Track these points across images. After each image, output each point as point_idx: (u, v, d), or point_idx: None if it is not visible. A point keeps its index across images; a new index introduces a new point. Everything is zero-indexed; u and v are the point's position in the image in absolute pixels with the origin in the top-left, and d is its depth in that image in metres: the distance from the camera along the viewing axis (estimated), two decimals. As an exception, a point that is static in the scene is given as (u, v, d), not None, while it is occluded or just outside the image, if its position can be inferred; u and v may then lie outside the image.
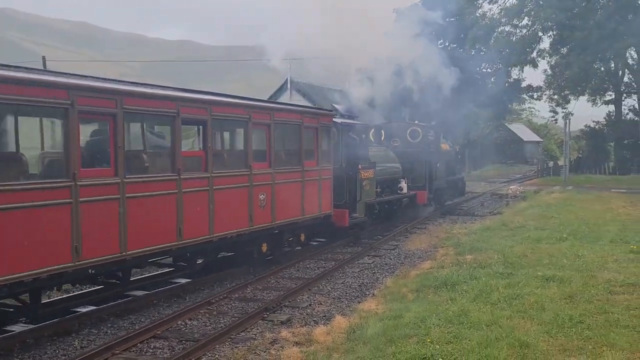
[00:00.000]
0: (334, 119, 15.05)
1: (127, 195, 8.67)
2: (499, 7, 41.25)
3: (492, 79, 41.14)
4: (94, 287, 9.94)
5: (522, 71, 42.86)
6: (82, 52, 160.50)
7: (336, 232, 15.63)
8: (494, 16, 40.86)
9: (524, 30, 40.67)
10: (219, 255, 12.14)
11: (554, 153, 68.42)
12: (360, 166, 15.86)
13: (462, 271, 10.98)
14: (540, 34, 40.34)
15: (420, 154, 20.77)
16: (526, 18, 40.13)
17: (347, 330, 8.10)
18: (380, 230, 17.77)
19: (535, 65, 41.78)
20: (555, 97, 45.40)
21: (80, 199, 7.91)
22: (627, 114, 45.27)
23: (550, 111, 47.94)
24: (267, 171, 12.07)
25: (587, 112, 46.92)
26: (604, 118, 46.25)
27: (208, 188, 10.34)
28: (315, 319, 9.06)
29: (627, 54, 40.31)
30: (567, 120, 36.58)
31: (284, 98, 30.49)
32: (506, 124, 64.09)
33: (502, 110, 45.21)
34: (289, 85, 31.46)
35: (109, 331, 8.46)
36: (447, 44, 40.48)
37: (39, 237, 7.35)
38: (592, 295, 9.08)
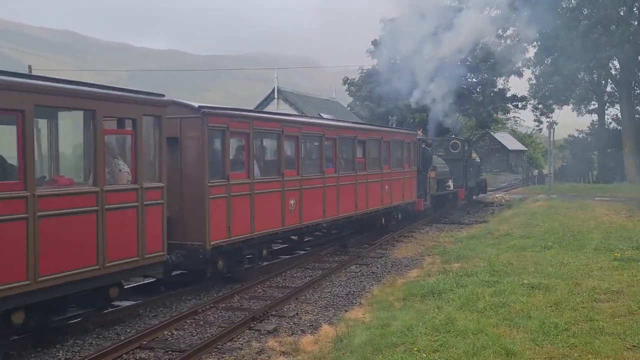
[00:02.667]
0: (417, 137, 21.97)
1: (255, 192, 11.97)
2: (484, 17, 41.68)
3: (478, 89, 41.53)
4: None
5: (507, 81, 43.35)
6: (66, 61, 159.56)
7: (411, 214, 21.80)
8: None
9: (509, 41, 41.16)
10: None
11: (539, 162, 69.03)
12: (429, 169, 22.49)
13: (448, 279, 11.02)
14: (524, 44, 40.87)
15: (458, 161, 26.93)
16: (511, 28, 40.65)
17: (334, 339, 8.09)
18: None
19: (520, 75, 42.27)
20: (540, 106, 45.91)
21: (232, 194, 11.27)
22: (610, 123, 45.89)
23: (535, 120, 48.47)
24: (388, 171, 18.63)
25: (571, 121, 47.46)
26: (588, 127, 46.85)
27: (335, 184, 15.33)
28: (302, 328, 9.04)
29: (610, 65, 40.91)
30: (552, 130, 36.97)
31: (271, 107, 30.51)
32: (491, 133, 64.61)
33: (487, 119, 45.61)
34: (276, 95, 31.50)
35: (94, 342, 8.37)
36: (432, 54, 40.82)
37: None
38: (577, 303, 9.16)
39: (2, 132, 8.28)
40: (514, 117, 67.03)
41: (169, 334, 8.73)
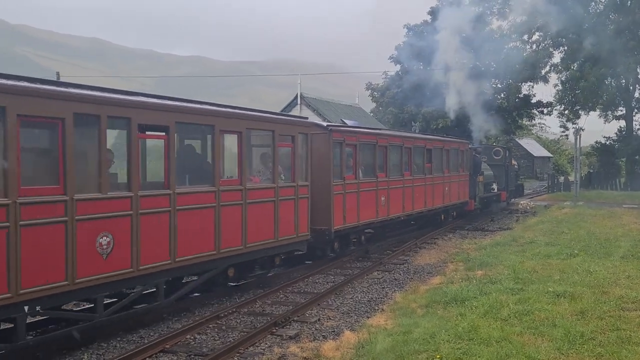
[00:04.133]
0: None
1: (360, 190, 15.20)
2: (509, 23, 41.39)
3: (502, 94, 41.18)
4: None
5: (533, 87, 42.91)
6: (94, 68, 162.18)
7: (463, 213, 24.80)
8: (504, 32, 41.00)
9: (534, 46, 40.74)
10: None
11: (565, 168, 68.11)
12: (478, 174, 25.41)
13: (472, 287, 10.92)
14: (551, 49, 40.38)
15: (501, 167, 29.54)
16: (537, 34, 40.22)
17: (355, 345, 8.06)
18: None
19: (546, 81, 41.80)
20: (566, 112, 45.29)
21: (346, 191, 14.71)
22: (638, 129, 45.03)
23: (561, 126, 47.81)
24: (447, 175, 21.78)
25: (598, 128, 46.71)
26: (615, 133, 46.02)
27: (411, 185, 18.41)
28: (324, 334, 9.03)
29: (638, 69, 40.22)
30: (578, 136, 36.45)
31: (294, 113, 30.60)
32: (516, 139, 63.97)
33: (512, 125, 45.20)
34: (299, 101, 31.59)
35: (118, 345, 8.47)
36: (456, 60, 40.63)
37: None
38: (603, 311, 9.00)
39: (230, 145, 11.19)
40: (539, 123, 66.42)
41: (192, 338, 8.79)
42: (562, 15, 34.29)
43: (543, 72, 41.68)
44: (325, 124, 15.11)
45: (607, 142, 47.29)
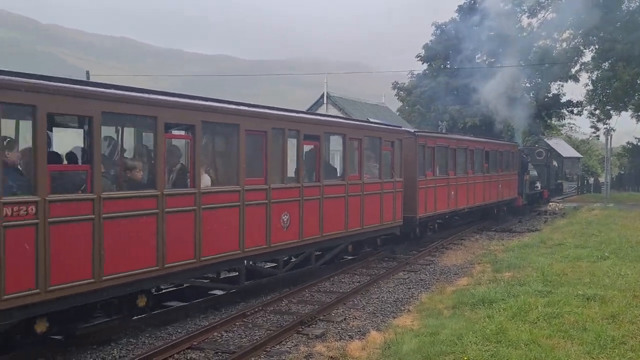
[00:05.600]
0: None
1: (437, 185, 18.24)
2: (538, 20, 40.79)
3: (531, 94, 40.63)
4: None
5: (563, 86, 42.24)
6: (123, 67, 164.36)
7: (512, 209, 27.14)
8: (534, 30, 40.41)
9: (564, 44, 40.08)
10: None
11: (595, 169, 66.94)
12: (525, 173, 28.16)
13: (499, 288, 10.80)
14: (581, 47, 39.69)
15: (543, 166, 32.14)
16: (567, 32, 39.55)
17: (382, 345, 8.04)
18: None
19: (576, 80, 41.10)
20: (597, 112, 44.49)
21: (428, 186, 17.63)
22: (672, 130, 43.98)
23: (591, 127, 46.99)
24: (501, 174, 24.53)
25: (629, 128, 45.82)
26: (648, 134, 45.09)
27: (466, 182, 20.74)
28: (350, 333, 9.02)
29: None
30: (609, 137, 35.81)
31: (320, 111, 30.64)
32: (545, 140, 63.06)
33: (541, 125, 44.56)
34: (325, 99, 31.60)
35: (147, 341, 8.58)
36: (484, 58, 40.22)
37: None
38: (635, 315, 8.83)
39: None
40: (569, 123, 65.34)
41: (219, 335, 8.86)
42: (594, 13, 33.66)
43: (573, 70, 40.99)
44: (412, 130, 18.15)
45: (639, 143, 46.32)
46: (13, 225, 6.62)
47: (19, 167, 7.26)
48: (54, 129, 8.45)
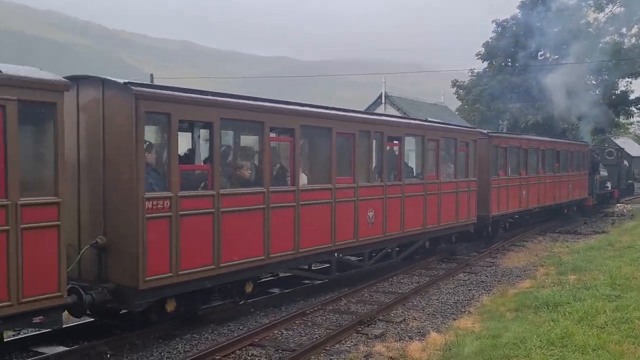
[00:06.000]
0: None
1: (509, 185, 18.72)
2: (605, 15, 39.26)
3: (597, 91, 39.19)
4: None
5: (631, 83, 40.53)
6: (183, 69, 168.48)
7: (581, 208, 27.05)
8: (600, 25, 38.94)
9: (634, 40, 38.44)
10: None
11: (666, 169, 63.82)
12: (595, 173, 28.05)
13: (564, 292, 10.49)
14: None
15: (613, 166, 32.04)
16: (636, 26, 37.93)
17: (442, 347, 7.96)
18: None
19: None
20: (669, 109, 42.48)
21: (500, 185, 18.12)
22: None
23: (662, 124, 44.92)
24: (571, 174, 24.76)
25: None
26: None
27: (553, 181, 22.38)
28: (409, 334, 8.97)
29: None
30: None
31: (378, 111, 30.51)
32: (612, 139, 60.66)
33: (607, 123, 42.87)
34: (383, 100, 31.45)
35: (210, 337, 8.78)
36: (548, 55, 39.11)
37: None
38: None
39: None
40: (638, 121, 62.58)
41: (279, 333, 8.98)
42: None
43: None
44: (486, 131, 18.24)
45: None
46: (152, 217, 7.69)
47: (155, 166, 8.24)
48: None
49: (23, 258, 6.35)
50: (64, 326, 7.76)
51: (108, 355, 7.78)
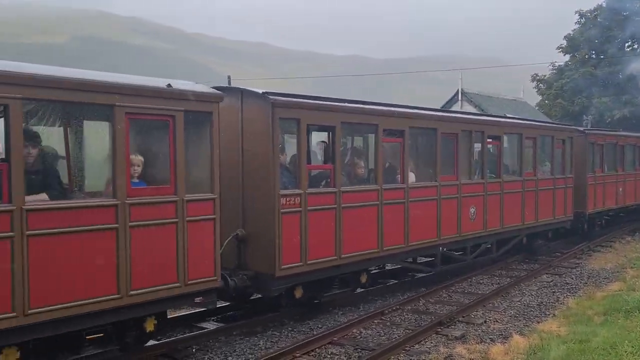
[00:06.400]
0: None
1: (606, 182, 18.65)
2: None
3: None
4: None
5: None
6: (261, 71, 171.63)
7: None
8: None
9: None
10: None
11: None
12: None
13: (658, 295, 9.97)
14: None
15: None
16: None
17: (526, 351, 7.75)
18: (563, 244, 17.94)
19: None
20: None
21: (597, 182, 18.03)
22: None
23: None
24: None
25: None
26: None
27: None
28: (491, 336, 8.78)
29: None
30: None
31: (455, 108, 29.99)
32: None
33: None
34: (459, 96, 30.88)
35: (290, 334, 8.93)
36: (635, 46, 37.18)
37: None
38: None
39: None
40: None
41: (358, 332, 9.01)
42: None
43: None
44: (582, 128, 18.57)
45: None
46: (286, 212, 8.59)
47: (287, 166, 9.19)
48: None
49: (188, 246, 7.20)
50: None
51: (194, 350, 8.07)
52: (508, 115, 28.01)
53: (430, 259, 12.51)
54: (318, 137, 10.55)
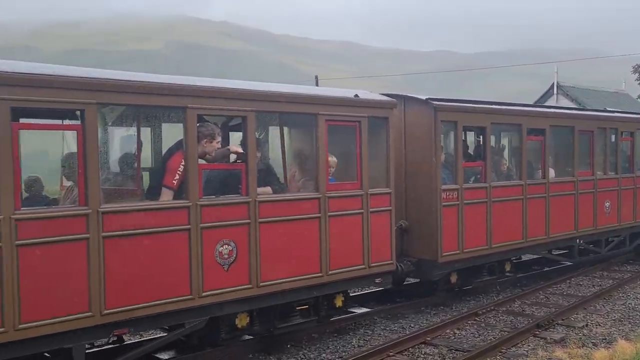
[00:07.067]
0: None
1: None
2: None
3: None
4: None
5: None
6: (348, 70, 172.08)
7: None
8: None
9: None
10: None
11: None
12: None
13: None
14: None
15: None
16: None
17: (633, 357, 7.35)
18: None
19: None
20: None
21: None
22: None
23: None
24: None
25: None
26: None
27: None
28: (593, 340, 8.41)
29: None
30: None
31: (550, 103, 28.85)
32: None
33: None
34: (555, 90, 29.65)
35: (382, 333, 8.94)
36: None
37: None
38: None
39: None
40: None
41: (451, 332, 8.89)
42: None
43: None
44: None
45: None
46: (446, 205, 9.64)
47: (444, 164, 9.92)
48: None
49: (371, 234, 8.38)
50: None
51: (289, 346, 8.26)
52: (608, 109, 26.74)
53: (565, 251, 12.91)
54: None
